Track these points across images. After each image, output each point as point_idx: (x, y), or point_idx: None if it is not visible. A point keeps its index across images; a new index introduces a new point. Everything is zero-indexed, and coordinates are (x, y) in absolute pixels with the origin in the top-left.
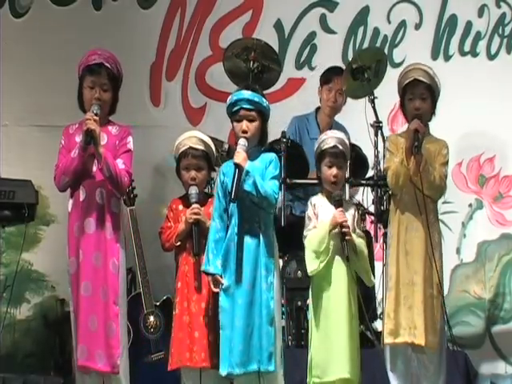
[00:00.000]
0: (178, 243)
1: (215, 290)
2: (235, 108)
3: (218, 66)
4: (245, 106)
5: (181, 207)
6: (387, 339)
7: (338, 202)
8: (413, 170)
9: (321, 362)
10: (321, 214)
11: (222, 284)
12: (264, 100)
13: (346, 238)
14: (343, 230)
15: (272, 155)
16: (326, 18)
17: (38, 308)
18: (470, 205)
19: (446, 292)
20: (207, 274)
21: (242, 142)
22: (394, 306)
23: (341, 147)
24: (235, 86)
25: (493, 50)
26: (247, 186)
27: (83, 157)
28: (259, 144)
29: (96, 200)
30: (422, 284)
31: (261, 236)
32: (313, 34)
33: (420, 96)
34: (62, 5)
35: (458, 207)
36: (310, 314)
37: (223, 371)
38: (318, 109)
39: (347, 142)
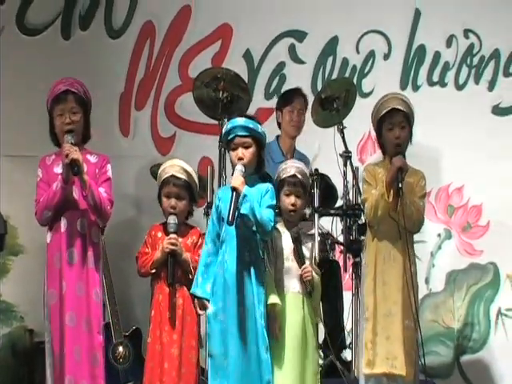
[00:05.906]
0: (153, 270)
1: (200, 313)
2: (230, 136)
3: (188, 96)
4: (239, 133)
5: (159, 234)
6: (365, 370)
7: (295, 239)
8: (392, 204)
9: None
10: (279, 243)
11: (207, 309)
12: (259, 126)
13: (306, 279)
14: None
15: (268, 185)
16: (295, 47)
17: (7, 338)
18: (439, 234)
19: None
20: (194, 296)
21: (239, 167)
22: (371, 337)
23: (300, 176)
24: (204, 116)
25: (461, 80)
26: (244, 210)
27: (66, 189)
28: (256, 172)
29: (77, 230)
30: (401, 314)
31: (251, 265)
32: (282, 64)
33: (399, 124)
34: (30, 35)
35: (427, 237)
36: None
37: None
38: (277, 136)
39: (307, 172)
